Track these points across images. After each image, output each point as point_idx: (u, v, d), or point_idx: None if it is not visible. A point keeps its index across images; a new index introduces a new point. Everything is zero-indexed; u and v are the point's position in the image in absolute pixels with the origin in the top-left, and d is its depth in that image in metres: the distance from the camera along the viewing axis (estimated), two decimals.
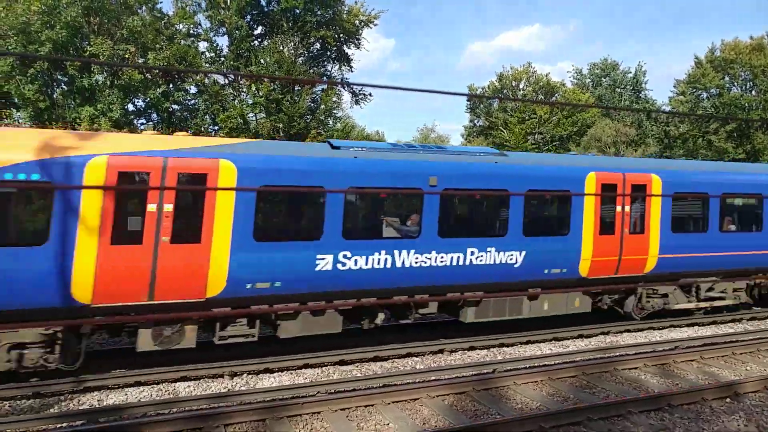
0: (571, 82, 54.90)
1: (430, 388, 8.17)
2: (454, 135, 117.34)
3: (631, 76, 55.11)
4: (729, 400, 8.29)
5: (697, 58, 40.85)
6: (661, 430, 7.19)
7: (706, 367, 9.93)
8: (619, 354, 10.55)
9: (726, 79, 39.16)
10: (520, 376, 8.85)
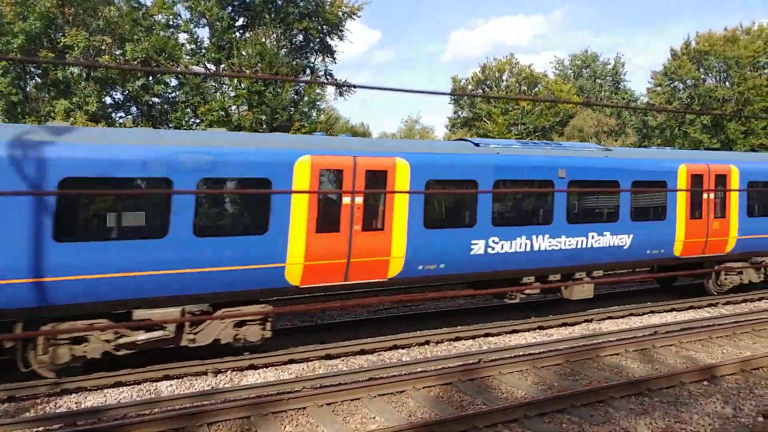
0: (553, 73, 55.34)
1: (416, 379, 8.20)
2: (439, 126, 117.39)
3: (610, 67, 55.73)
4: (706, 383, 8.50)
5: (672, 50, 41.30)
6: (641, 414, 7.34)
7: (685, 351, 10.15)
8: (601, 341, 10.74)
9: (701, 70, 39.65)
10: (505, 365, 8.94)
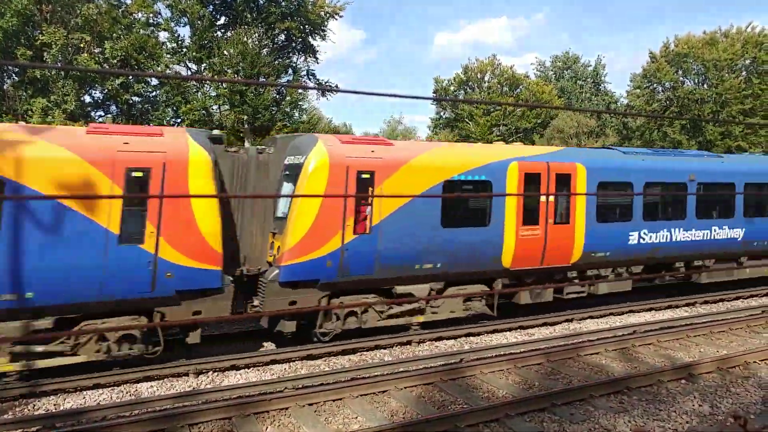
0: (535, 74, 55.91)
1: (398, 379, 8.22)
2: (421, 127, 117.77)
3: (591, 69, 56.51)
4: (684, 382, 8.67)
5: (651, 53, 42.00)
6: (621, 413, 7.45)
7: (663, 350, 10.34)
8: (582, 340, 10.87)
9: (680, 73, 40.40)
10: (487, 365, 9.01)
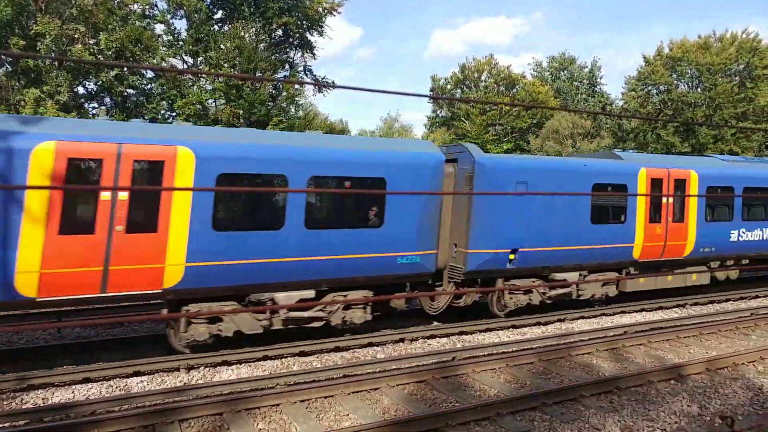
0: (531, 75, 56.02)
1: (390, 377, 8.21)
2: (417, 125, 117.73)
3: (587, 70, 56.70)
4: (674, 382, 8.72)
5: (645, 57, 42.24)
6: (610, 412, 7.49)
7: (653, 351, 10.41)
8: (574, 340, 10.92)
9: (674, 76, 40.64)
10: (479, 363, 9.02)
